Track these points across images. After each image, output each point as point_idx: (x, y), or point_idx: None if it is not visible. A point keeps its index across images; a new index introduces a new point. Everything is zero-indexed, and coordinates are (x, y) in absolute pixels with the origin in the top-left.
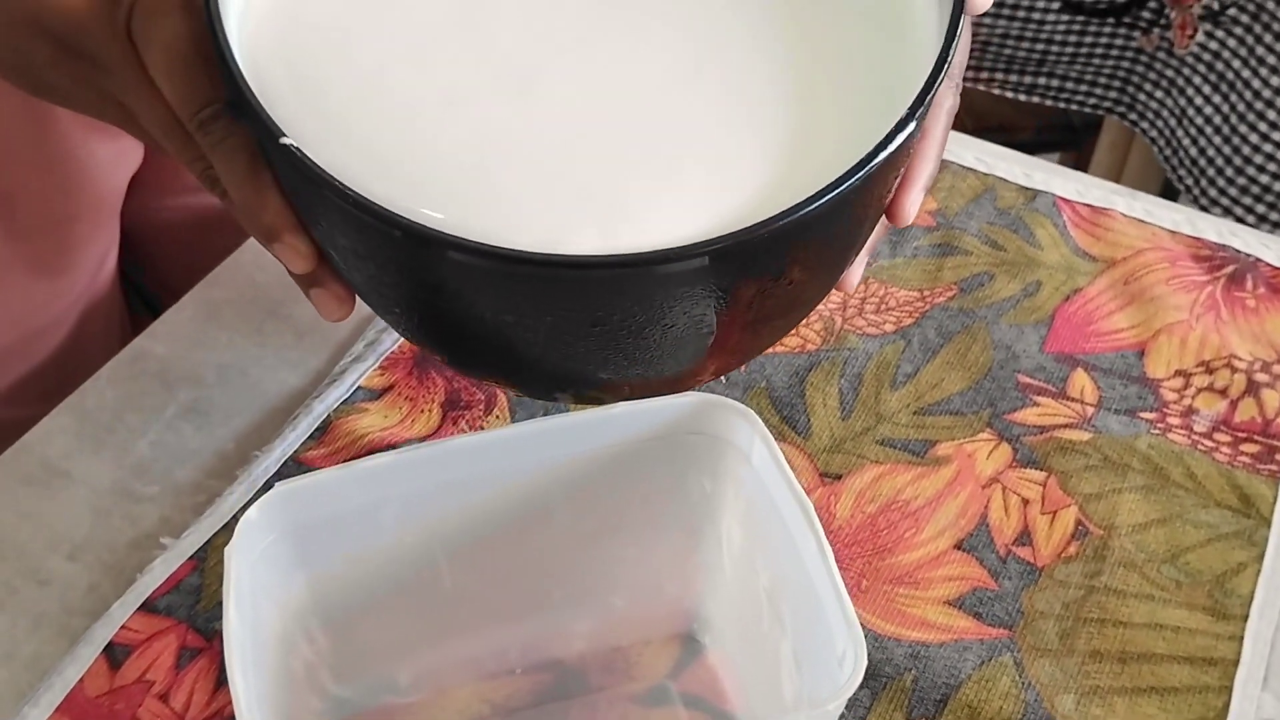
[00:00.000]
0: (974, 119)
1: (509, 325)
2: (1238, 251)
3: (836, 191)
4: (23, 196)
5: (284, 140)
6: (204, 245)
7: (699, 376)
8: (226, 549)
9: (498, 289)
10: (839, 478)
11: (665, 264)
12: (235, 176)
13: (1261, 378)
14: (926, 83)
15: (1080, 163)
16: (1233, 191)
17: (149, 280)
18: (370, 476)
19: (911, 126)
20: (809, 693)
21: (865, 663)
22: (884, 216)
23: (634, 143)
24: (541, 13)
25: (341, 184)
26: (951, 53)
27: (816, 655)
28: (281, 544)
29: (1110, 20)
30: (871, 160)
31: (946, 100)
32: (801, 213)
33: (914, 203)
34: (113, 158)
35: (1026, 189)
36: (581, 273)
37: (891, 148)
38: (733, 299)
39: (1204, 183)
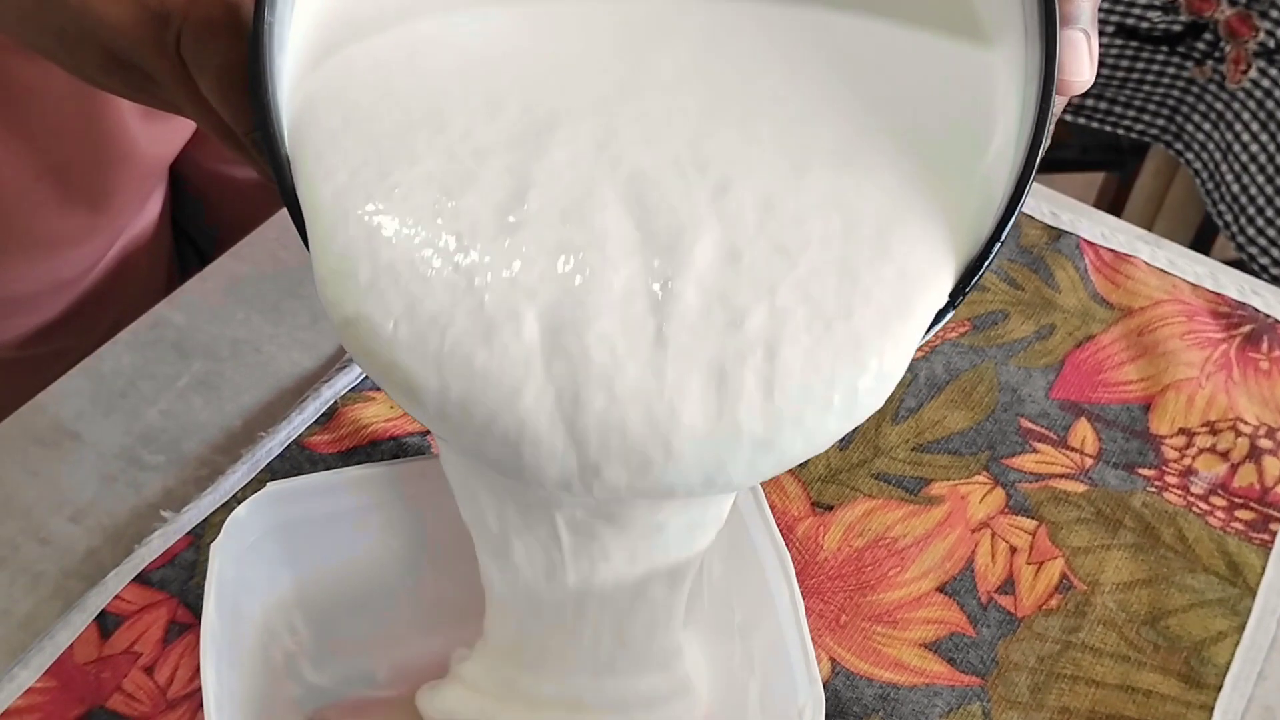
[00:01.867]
0: None
1: None
2: (1257, 311)
3: None
4: (76, 169)
5: None
6: (255, 202)
7: None
8: (212, 546)
9: None
10: (830, 509)
11: None
12: None
13: (1265, 444)
14: (970, 267)
15: (1124, 186)
16: (1270, 232)
17: (209, 223)
18: (360, 483)
19: (949, 315)
20: None
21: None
22: None
23: (655, 360)
24: (607, 139)
25: None
26: (1005, 234)
27: (779, 701)
28: (269, 541)
29: (1164, 48)
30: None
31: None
32: None
33: None
34: (164, 134)
35: (1052, 228)
36: None
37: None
38: None
39: (1243, 220)
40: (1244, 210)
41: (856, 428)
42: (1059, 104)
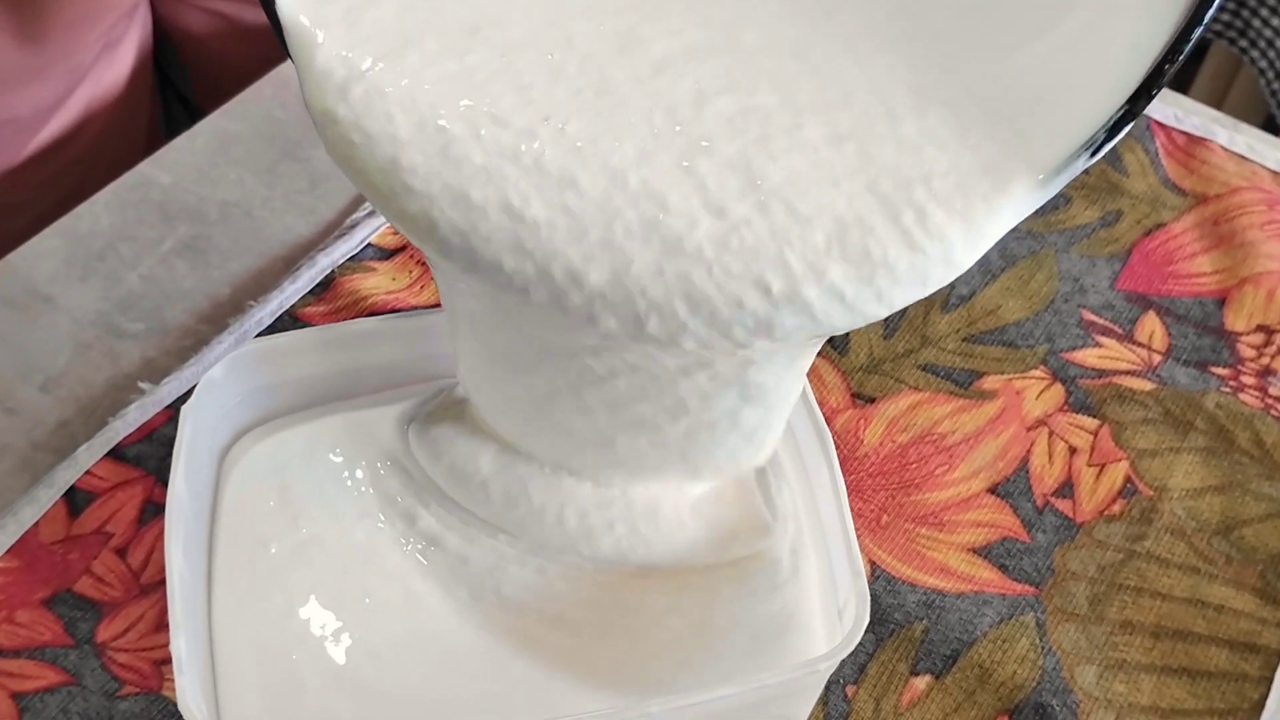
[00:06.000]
0: None
1: None
2: None
3: None
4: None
5: None
6: (240, 58)
7: None
8: (184, 408)
9: None
10: (872, 401)
11: None
12: None
13: None
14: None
15: (1179, 88)
16: None
17: (181, 60)
18: (353, 339)
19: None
20: None
21: (867, 620)
22: None
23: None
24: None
25: None
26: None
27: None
28: (248, 405)
29: None
30: None
31: None
32: None
33: None
34: None
35: None
36: None
37: None
38: None
39: None
40: None
41: (902, 314)
42: None
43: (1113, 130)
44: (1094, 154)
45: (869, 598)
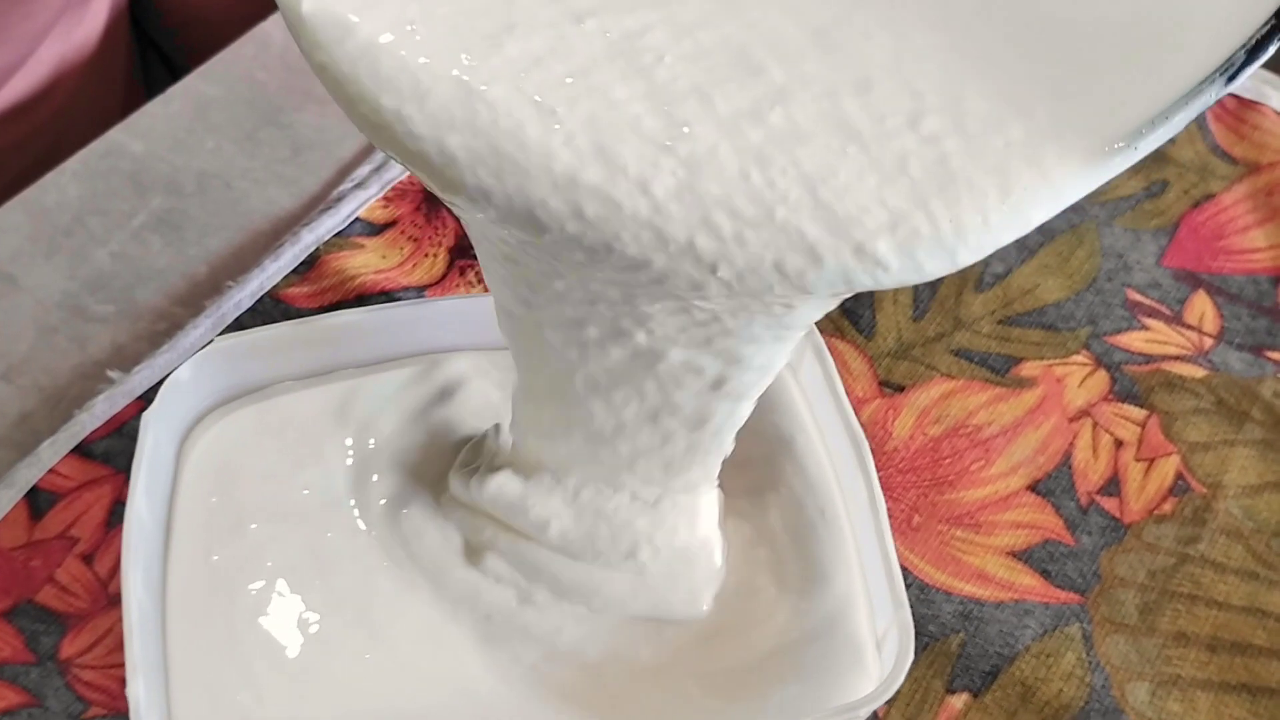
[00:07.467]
0: None
1: None
2: None
3: None
4: None
5: None
6: (223, 13)
7: None
8: (145, 415)
9: None
10: (901, 389)
11: None
12: None
13: None
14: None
15: None
16: None
17: (165, 24)
18: (331, 335)
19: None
20: None
21: (911, 658)
22: None
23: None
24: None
25: None
26: None
27: None
28: (218, 409)
29: None
30: None
31: None
32: None
33: None
34: None
35: None
36: None
37: None
38: None
39: None
40: None
41: (932, 293)
42: None
43: (1254, 50)
44: (1230, 79)
45: (913, 631)
